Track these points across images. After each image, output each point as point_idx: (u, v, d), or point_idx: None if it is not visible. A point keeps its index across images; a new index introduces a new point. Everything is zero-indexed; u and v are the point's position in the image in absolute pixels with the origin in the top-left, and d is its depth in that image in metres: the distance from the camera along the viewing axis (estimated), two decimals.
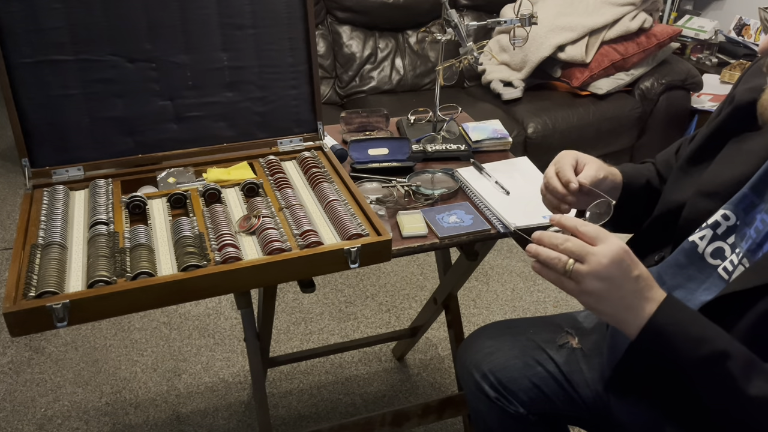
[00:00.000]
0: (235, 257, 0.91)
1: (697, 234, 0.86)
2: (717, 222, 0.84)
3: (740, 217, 0.82)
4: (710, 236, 0.84)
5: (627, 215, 1.01)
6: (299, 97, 1.21)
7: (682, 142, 1.06)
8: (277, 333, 2.07)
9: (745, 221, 0.81)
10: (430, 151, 1.33)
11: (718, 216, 0.84)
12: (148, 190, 1.11)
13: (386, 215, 1.13)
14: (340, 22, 2.80)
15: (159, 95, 1.13)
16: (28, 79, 1.04)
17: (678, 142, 1.07)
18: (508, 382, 1.05)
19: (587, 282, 0.74)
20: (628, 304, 0.74)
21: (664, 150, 1.09)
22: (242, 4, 1.13)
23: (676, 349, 0.74)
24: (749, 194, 0.81)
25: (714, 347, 0.73)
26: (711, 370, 0.73)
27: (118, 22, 1.07)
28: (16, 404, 1.78)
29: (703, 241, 0.85)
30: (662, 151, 1.09)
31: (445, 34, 1.30)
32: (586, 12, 2.67)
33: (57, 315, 0.81)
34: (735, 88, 0.92)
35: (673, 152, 1.06)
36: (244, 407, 1.80)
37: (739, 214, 0.82)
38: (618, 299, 0.74)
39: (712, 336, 0.74)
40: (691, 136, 1.03)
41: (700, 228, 0.86)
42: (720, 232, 0.84)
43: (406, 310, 2.20)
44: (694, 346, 0.73)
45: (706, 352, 0.73)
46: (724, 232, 0.83)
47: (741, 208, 0.82)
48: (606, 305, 0.75)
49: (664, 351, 0.74)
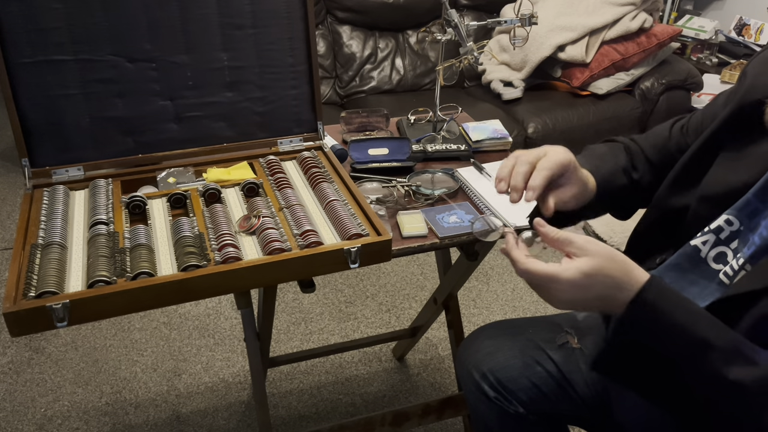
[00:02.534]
0: (235, 257, 0.91)
1: (700, 238, 0.85)
2: (720, 227, 0.83)
3: (744, 223, 0.81)
4: (713, 241, 0.84)
5: (609, 209, 1.03)
6: (299, 97, 1.21)
7: (673, 124, 1.02)
8: (277, 333, 2.07)
9: (749, 227, 0.80)
10: (430, 151, 1.33)
11: (720, 221, 0.83)
12: (148, 190, 1.11)
13: (386, 215, 1.13)
14: (340, 22, 2.80)
15: (159, 95, 1.13)
16: (28, 79, 1.04)
17: (668, 123, 1.03)
18: (508, 381, 1.05)
19: (558, 301, 0.76)
20: (606, 296, 0.75)
21: (650, 133, 1.05)
22: (242, 4, 1.13)
23: (664, 326, 0.74)
24: (753, 200, 0.80)
25: (697, 334, 0.73)
26: (693, 354, 0.74)
27: (118, 22, 1.07)
28: (16, 404, 1.78)
29: (706, 246, 0.84)
30: (647, 134, 1.05)
31: (445, 34, 1.30)
32: (587, 12, 2.67)
33: (57, 315, 0.81)
34: (743, 77, 0.89)
35: (666, 135, 1.02)
36: (244, 407, 1.80)
37: (743, 219, 0.81)
38: (593, 299, 0.75)
39: (697, 320, 0.74)
40: (685, 120, 1.00)
41: (703, 232, 0.85)
42: (723, 237, 0.83)
43: (406, 310, 2.20)
44: (680, 331, 0.74)
45: (690, 338, 0.73)
46: (727, 237, 0.83)
47: (745, 214, 0.81)
48: (583, 307, 0.78)
49: (652, 326, 0.75)
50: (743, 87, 0.86)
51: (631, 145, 1.03)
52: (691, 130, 0.99)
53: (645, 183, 1.00)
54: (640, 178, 1.00)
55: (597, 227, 2.54)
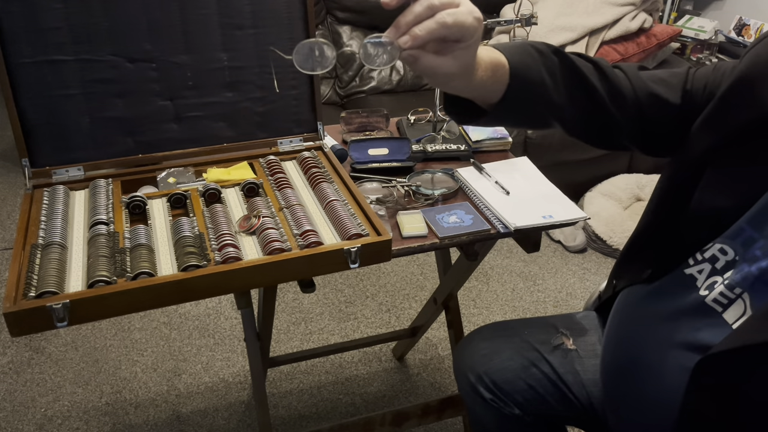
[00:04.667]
0: (235, 257, 0.91)
1: (695, 267, 0.83)
2: (715, 256, 0.80)
3: (739, 253, 0.78)
4: (709, 270, 0.81)
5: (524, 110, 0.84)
6: (299, 97, 1.21)
7: None
8: (277, 333, 2.07)
9: (745, 257, 0.77)
10: (430, 151, 1.33)
11: (714, 250, 0.80)
12: (148, 190, 1.11)
13: (386, 215, 1.13)
14: (340, 22, 2.80)
15: (159, 95, 1.13)
16: (28, 79, 1.04)
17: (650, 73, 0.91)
18: (504, 383, 1.05)
19: None
20: None
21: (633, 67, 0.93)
22: (242, 4, 1.13)
23: None
24: (746, 228, 0.77)
25: None
26: None
27: (118, 22, 1.07)
28: (16, 404, 1.78)
29: (702, 275, 0.82)
30: (632, 67, 0.92)
31: None
32: (586, 12, 2.67)
33: (57, 315, 0.81)
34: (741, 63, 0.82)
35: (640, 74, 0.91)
36: (244, 407, 1.80)
37: (737, 248, 0.78)
38: None
39: None
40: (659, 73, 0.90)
41: (696, 261, 0.83)
42: (719, 267, 0.80)
43: (406, 310, 2.20)
44: None
45: None
46: (723, 268, 0.80)
47: (739, 243, 0.78)
48: None
49: None
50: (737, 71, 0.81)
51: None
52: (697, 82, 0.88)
53: None
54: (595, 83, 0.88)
55: (597, 227, 2.54)
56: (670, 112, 0.87)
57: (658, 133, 0.90)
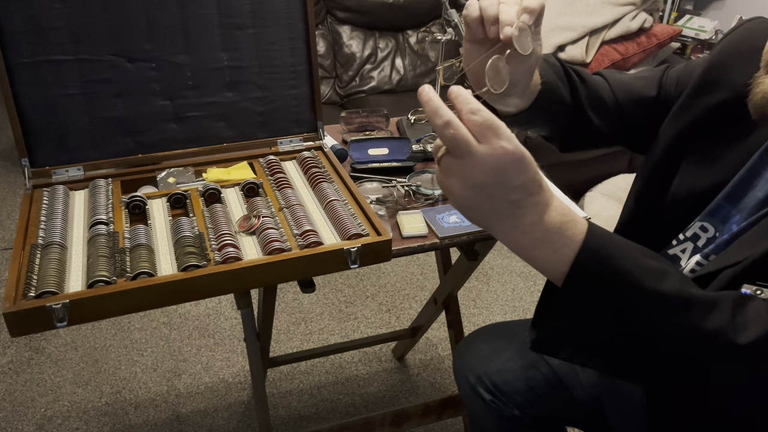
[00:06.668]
0: (235, 257, 0.91)
1: (678, 247, 0.84)
2: (696, 234, 0.82)
3: (719, 229, 0.79)
4: (691, 249, 0.82)
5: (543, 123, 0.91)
6: (299, 97, 1.21)
7: (664, 72, 0.96)
8: (277, 333, 2.07)
9: (723, 232, 0.79)
10: (430, 151, 1.33)
11: (696, 228, 0.82)
12: (148, 190, 1.11)
13: (386, 215, 1.13)
14: (340, 22, 2.80)
15: (159, 95, 1.13)
16: (28, 79, 1.04)
17: (649, 71, 0.97)
18: (503, 384, 1.05)
19: (452, 184, 0.59)
20: (500, 212, 0.60)
21: (614, 73, 0.99)
22: (242, 4, 1.12)
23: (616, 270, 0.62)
24: (724, 204, 0.79)
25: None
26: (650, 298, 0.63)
27: (118, 22, 1.07)
28: (16, 404, 1.78)
29: (685, 254, 0.83)
30: (614, 72, 0.99)
31: (445, 33, 1.30)
32: (587, 12, 2.67)
33: (57, 315, 0.81)
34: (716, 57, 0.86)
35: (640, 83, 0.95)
36: (244, 407, 1.80)
37: (717, 225, 0.80)
38: (487, 209, 0.60)
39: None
40: (673, 72, 0.94)
41: (679, 241, 0.84)
42: (701, 245, 0.81)
43: (406, 310, 2.20)
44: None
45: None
46: (704, 244, 0.81)
47: (718, 219, 0.79)
48: (473, 214, 0.61)
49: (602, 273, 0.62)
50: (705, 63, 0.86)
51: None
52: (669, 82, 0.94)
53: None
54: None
55: None
56: (648, 104, 0.93)
57: (641, 128, 0.94)
